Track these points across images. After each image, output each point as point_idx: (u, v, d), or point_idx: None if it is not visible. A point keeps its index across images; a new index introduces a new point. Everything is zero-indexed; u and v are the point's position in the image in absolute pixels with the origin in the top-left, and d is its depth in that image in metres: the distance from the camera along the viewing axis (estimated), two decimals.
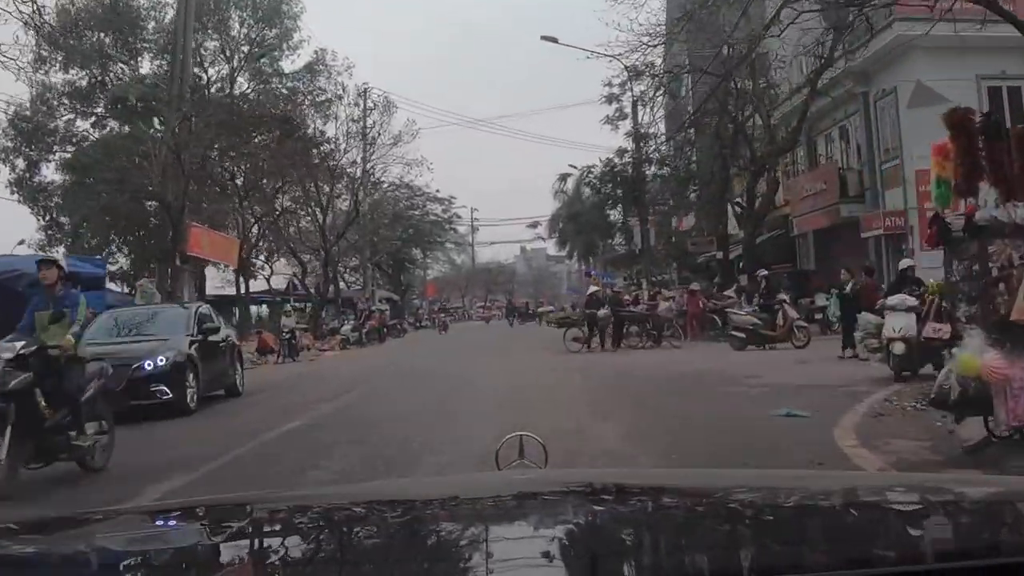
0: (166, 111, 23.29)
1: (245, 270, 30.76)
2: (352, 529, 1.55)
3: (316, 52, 34.22)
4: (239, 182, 28.27)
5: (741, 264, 28.57)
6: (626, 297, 26.86)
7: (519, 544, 1.36)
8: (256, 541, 1.54)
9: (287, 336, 24.98)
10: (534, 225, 57.11)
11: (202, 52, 32.88)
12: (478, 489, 1.86)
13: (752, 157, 26.62)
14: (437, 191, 52.39)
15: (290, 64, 34.37)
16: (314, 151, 27.50)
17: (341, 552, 1.40)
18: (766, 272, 23.21)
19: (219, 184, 28.48)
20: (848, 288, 16.37)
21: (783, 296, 19.46)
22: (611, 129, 33.15)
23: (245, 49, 33.31)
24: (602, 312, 21.38)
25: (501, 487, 1.76)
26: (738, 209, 28.00)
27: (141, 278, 24.18)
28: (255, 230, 30.94)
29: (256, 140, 25.58)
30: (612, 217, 34.40)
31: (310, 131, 27.77)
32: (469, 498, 1.69)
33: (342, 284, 50.47)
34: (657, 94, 31.70)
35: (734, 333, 18.91)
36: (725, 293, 24.53)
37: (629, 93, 32.74)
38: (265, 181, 29.11)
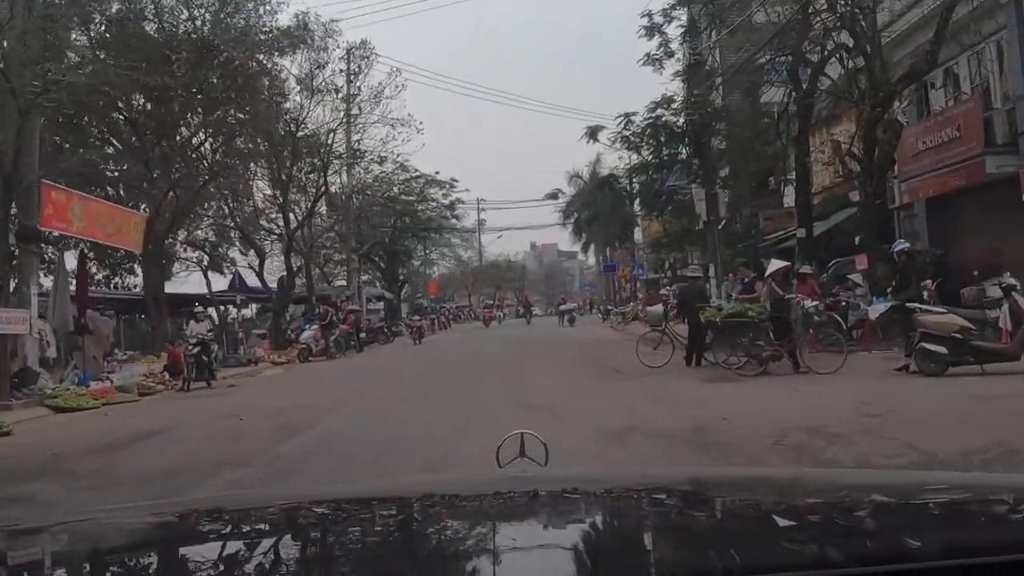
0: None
1: (159, 258, 22.51)
2: (354, 527, 1.51)
3: (297, 16, 26.87)
4: (147, 132, 20.03)
5: (857, 240, 20.42)
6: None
7: (520, 542, 1.32)
8: (257, 540, 1.47)
9: (194, 350, 16.92)
10: (554, 196, 49.47)
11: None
12: (479, 487, 1.83)
13: (873, 86, 18.31)
14: (436, 173, 44.53)
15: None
16: (240, 84, 19.09)
17: (343, 550, 1.37)
18: (905, 246, 14.77)
19: (113, 132, 20.35)
20: None
21: (1008, 280, 11.17)
22: (654, 71, 25.22)
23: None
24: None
25: (502, 485, 1.71)
26: (851, 164, 19.71)
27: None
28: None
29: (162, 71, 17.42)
30: (655, 186, 26.04)
31: (243, 64, 19.21)
32: (470, 496, 1.68)
33: (323, 281, 42.61)
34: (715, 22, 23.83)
35: (928, 346, 10.63)
36: (851, 278, 16.43)
37: (676, 22, 24.79)
38: (178, 129, 20.70)
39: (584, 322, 42.04)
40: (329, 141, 31.72)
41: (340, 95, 31.12)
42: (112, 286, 29.58)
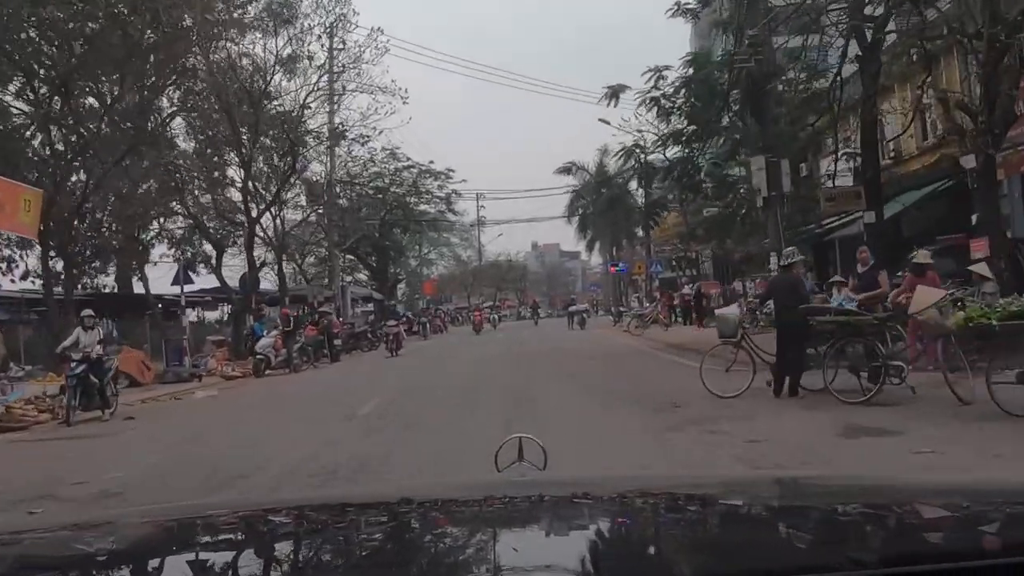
0: None
1: (68, 249, 17.86)
2: (352, 532, 1.47)
3: None
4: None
5: (973, 219, 15.95)
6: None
7: (518, 547, 1.27)
8: (255, 546, 1.43)
9: (78, 369, 12.35)
10: (567, 170, 44.95)
11: None
12: (478, 491, 1.76)
13: (993, 12, 13.75)
14: (431, 162, 40.09)
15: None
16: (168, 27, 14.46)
17: (341, 555, 1.34)
18: None
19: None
20: None
21: None
22: (687, 21, 20.78)
23: None
24: None
25: (501, 489, 1.67)
26: (959, 118, 15.13)
27: None
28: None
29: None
30: (693, 157, 21.42)
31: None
32: (469, 500, 1.64)
33: (306, 281, 38.07)
34: None
35: None
36: (974, 270, 11.89)
37: None
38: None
39: (592, 324, 37.39)
40: (302, 117, 27.17)
41: (316, 64, 26.77)
42: (80, 287, 24.92)
